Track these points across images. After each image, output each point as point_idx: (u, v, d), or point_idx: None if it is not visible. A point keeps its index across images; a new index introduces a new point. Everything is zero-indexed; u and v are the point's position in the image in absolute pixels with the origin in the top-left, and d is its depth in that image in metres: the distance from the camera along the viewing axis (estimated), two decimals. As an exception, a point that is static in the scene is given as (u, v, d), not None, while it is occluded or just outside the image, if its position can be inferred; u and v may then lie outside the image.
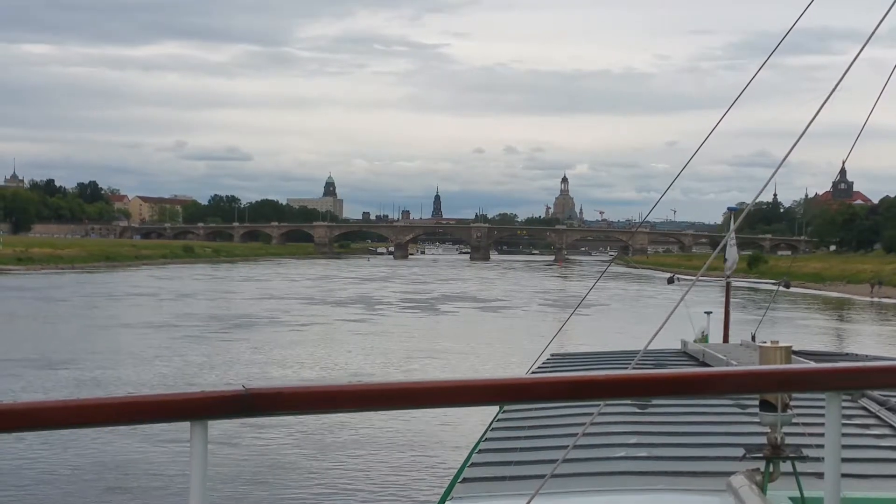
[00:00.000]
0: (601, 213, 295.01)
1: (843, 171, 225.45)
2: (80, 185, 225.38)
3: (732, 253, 12.85)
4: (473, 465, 5.78)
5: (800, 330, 43.18)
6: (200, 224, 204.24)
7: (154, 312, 46.63)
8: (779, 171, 5.51)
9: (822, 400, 2.11)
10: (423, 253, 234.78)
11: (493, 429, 6.93)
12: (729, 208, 16.43)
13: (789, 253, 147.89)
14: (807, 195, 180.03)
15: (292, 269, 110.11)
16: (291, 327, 41.18)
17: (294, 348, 33.70)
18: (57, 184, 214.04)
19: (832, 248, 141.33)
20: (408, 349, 34.02)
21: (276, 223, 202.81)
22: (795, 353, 7.76)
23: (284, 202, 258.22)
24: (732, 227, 11.75)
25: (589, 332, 36.36)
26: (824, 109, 4.87)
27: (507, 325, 45.06)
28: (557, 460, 4.45)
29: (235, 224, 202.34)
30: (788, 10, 5.98)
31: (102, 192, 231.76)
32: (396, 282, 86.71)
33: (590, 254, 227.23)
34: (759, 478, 4.01)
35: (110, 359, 29.47)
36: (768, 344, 4.18)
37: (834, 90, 4.84)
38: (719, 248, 6.72)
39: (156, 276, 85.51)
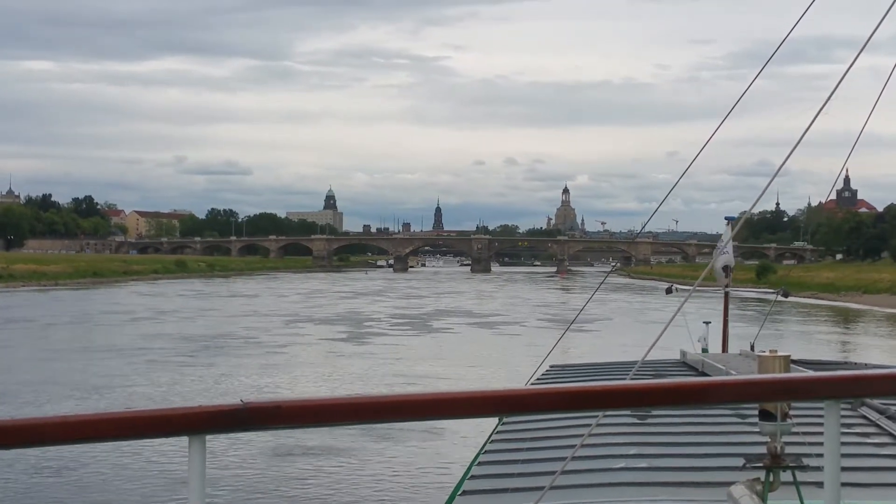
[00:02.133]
0: (603, 223, 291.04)
1: (847, 180, 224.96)
2: (76, 200, 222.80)
3: (723, 260, 12.57)
4: (473, 477, 5.81)
5: (834, 348, 39.57)
6: (197, 238, 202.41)
7: (120, 334, 43.03)
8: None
9: (822, 408, 2.12)
10: (423, 265, 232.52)
11: (492, 441, 6.91)
12: (726, 218, 15.21)
13: (794, 262, 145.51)
14: (809, 204, 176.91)
15: (285, 284, 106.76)
16: (266, 349, 37.71)
17: (262, 376, 30.15)
18: (56, 200, 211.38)
19: (838, 256, 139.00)
20: (389, 374, 30.60)
21: (273, 237, 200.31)
22: (794, 361, 7.46)
23: (284, 216, 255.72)
24: (729, 235, 11.75)
25: (591, 347, 33.22)
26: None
27: (503, 344, 41.64)
28: (557, 472, 4.54)
29: (233, 238, 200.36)
30: (788, 18, 5.88)
31: (98, 206, 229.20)
32: (390, 296, 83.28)
33: (592, 265, 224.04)
34: (759, 487, 3.89)
35: (43, 391, 25.87)
36: (767, 353, 4.21)
37: (829, 99, 4.90)
38: (715, 258, 6.98)
39: (139, 293, 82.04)
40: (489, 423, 7.66)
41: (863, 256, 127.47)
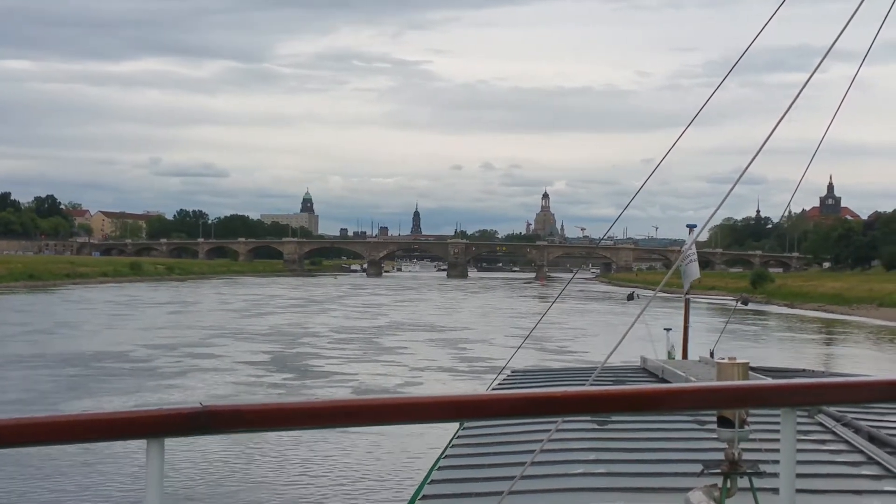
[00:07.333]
0: (582, 229, 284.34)
1: (830, 187, 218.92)
2: (38, 199, 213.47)
3: (692, 269, 12.41)
4: (433, 482, 5.87)
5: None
6: (163, 240, 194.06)
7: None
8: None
9: (780, 416, 2.15)
10: (399, 270, 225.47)
11: (452, 446, 7.03)
12: (688, 225, 12.97)
13: (780, 270, 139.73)
14: (790, 212, 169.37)
15: (240, 290, 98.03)
16: (154, 380, 29.08)
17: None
18: (17, 199, 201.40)
19: (826, 265, 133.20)
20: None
21: (243, 239, 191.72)
22: (753, 369, 7.64)
23: (258, 218, 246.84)
24: (689, 242, 11.52)
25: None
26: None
27: (462, 369, 33.50)
28: (516, 477, 4.70)
29: (200, 240, 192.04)
30: (768, 27, 6.08)
31: (62, 206, 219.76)
32: (348, 304, 74.76)
33: (572, 271, 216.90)
34: (716, 493, 3.95)
35: None
36: (726, 360, 4.24)
37: (790, 108, 5.11)
38: (675, 265, 7.32)
39: (65, 299, 72.86)
40: (451, 426, 7.69)
41: (852, 265, 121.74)
